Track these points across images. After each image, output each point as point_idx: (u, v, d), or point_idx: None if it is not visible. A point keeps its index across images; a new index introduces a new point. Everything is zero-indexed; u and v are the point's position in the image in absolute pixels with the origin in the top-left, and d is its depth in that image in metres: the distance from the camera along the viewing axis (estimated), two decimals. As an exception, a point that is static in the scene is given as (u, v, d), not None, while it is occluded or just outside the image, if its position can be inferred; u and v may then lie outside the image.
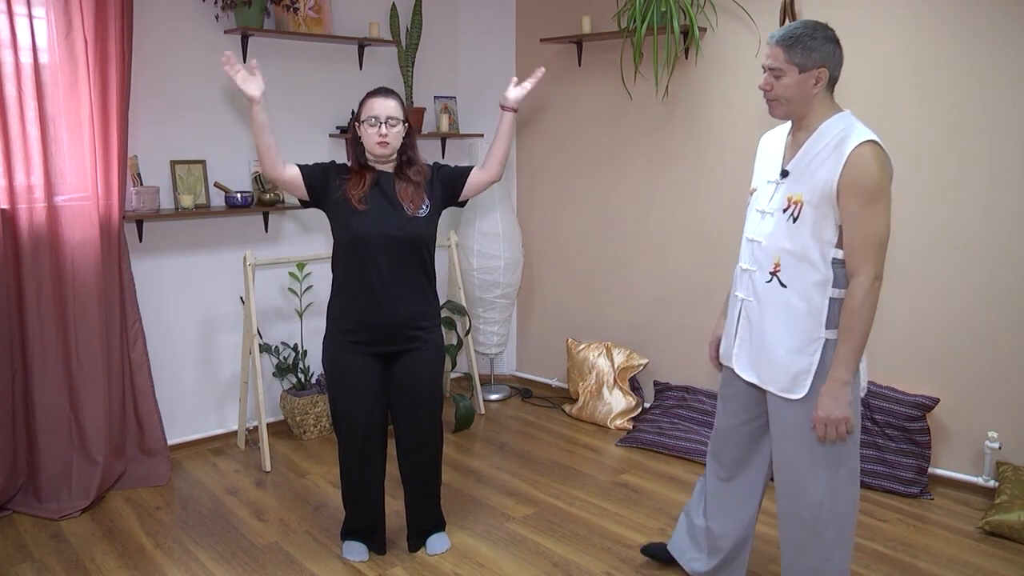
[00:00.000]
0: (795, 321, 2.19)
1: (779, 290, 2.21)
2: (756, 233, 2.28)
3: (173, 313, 3.80)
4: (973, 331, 3.27)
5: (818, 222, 2.13)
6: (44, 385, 3.27)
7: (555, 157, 4.61)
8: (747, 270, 2.30)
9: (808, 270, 2.16)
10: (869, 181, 2.07)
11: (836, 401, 2.12)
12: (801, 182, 2.16)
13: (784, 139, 2.30)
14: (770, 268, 2.22)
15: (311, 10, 3.98)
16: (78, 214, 3.27)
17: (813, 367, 2.18)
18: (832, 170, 2.09)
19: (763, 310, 2.25)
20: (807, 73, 2.13)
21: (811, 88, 2.15)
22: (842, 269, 2.15)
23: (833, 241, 2.14)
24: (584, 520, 3.19)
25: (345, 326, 2.74)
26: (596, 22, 4.18)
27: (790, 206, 2.17)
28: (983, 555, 2.90)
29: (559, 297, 4.72)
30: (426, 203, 2.75)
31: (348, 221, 2.67)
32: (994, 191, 3.17)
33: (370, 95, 2.72)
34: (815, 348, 2.18)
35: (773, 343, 2.23)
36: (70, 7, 3.15)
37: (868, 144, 2.08)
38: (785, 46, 2.14)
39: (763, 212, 2.26)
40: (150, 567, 2.86)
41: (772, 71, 2.16)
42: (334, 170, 2.75)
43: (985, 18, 3.11)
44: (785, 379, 2.22)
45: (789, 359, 2.21)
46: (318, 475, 3.62)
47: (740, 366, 2.36)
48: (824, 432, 2.15)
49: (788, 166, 2.22)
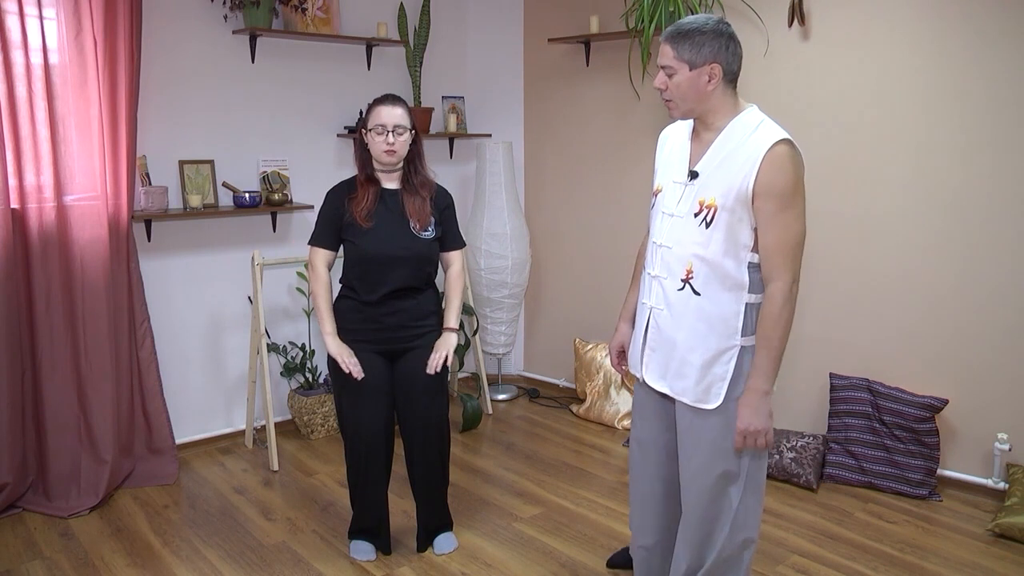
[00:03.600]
0: (709, 329, 2.08)
1: (692, 298, 2.09)
2: (665, 238, 2.14)
3: (181, 313, 3.81)
4: (983, 332, 3.25)
5: (733, 226, 2.02)
6: (53, 384, 3.28)
7: (563, 157, 4.61)
8: (656, 276, 2.17)
9: (722, 276, 2.05)
10: (785, 183, 1.97)
11: (756, 413, 2.03)
12: (712, 185, 2.04)
13: (686, 137, 2.17)
14: (682, 275, 2.10)
15: (319, 10, 3.99)
16: (87, 214, 3.29)
17: (728, 376, 2.08)
18: (747, 172, 1.98)
19: (675, 319, 2.13)
20: (698, 70, 2.01)
21: (705, 86, 2.03)
22: (757, 274, 2.05)
23: (749, 245, 2.04)
24: (591, 520, 3.19)
25: (350, 325, 2.78)
26: (604, 22, 4.18)
27: (703, 210, 2.05)
28: (992, 558, 2.89)
29: (566, 297, 4.72)
30: (431, 223, 2.78)
31: (356, 240, 2.73)
32: (1004, 192, 3.15)
33: (377, 102, 2.74)
34: (730, 356, 2.08)
35: (686, 353, 2.11)
36: (80, 8, 3.17)
37: (782, 144, 1.99)
38: (673, 42, 2.02)
39: (672, 215, 2.12)
40: (158, 565, 2.87)
41: (664, 69, 2.04)
42: (339, 199, 2.78)
43: (992, 19, 3.09)
44: (699, 389, 2.11)
45: (703, 369, 2.09)
46: (325, 474, 3.63)
47: (650, 376, 2.22)
48: (743, 444, 2.07)
49: (697, 167, 2.09)
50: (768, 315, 2.01)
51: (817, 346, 3.67)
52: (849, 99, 3.48)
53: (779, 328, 2.00)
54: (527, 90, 4.75)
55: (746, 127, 2.04)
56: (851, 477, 3.46)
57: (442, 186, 2.91)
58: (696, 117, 2.11)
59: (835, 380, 3.56)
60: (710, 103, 2.06)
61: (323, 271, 2.81)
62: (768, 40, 3.64)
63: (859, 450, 3.46)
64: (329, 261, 2.83)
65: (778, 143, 1.98)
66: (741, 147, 2.02)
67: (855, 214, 3.51)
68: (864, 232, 3.50)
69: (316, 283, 2.81)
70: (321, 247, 2.81)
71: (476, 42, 4.78)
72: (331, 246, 2.81)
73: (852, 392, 3.50)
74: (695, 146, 2.14)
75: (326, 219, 2.81)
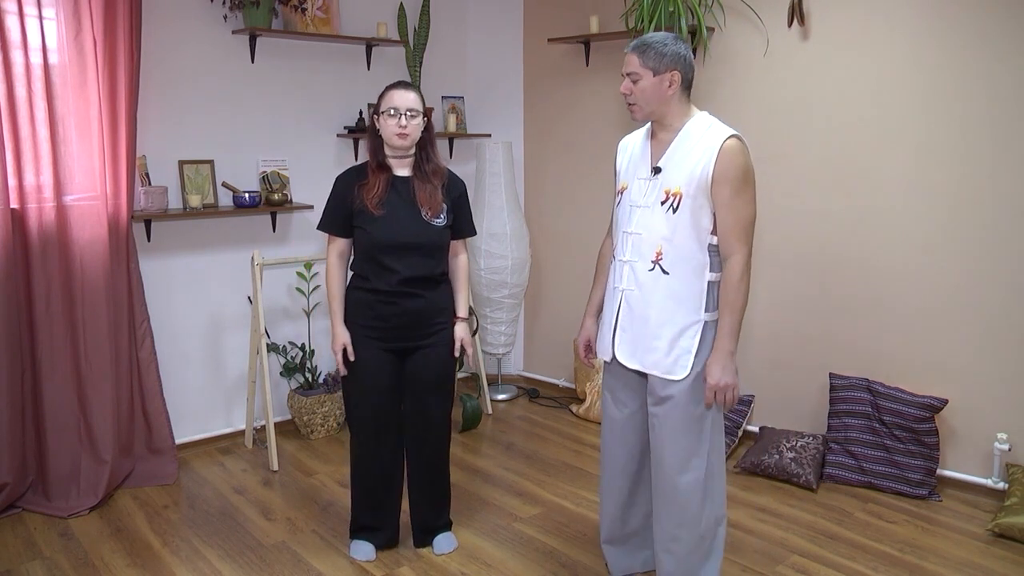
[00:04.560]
0: (677, 305, 2.33)
1: (661, 277, 2.33)
2: (635, 226, 2.39)
3: (181, 313, 3.81)
4: (983, 332, 3.26)
5: (695, 212, 2.29)
6: (53, 384, 3.28)
7: (563, 157, 4.61)
8: (627, 261, 2.40)
9: (687, 256, 2.31)
10: (738, 171, 2.26)
11: (724, 370, 2.29)
12: (675, 176, 2.31)
13: (644, 141, 2.45)
14: (652, 257, 2.34)
15: (319, 10, 3.99)
16: (87, 214, 3.29)
17: (694, 348, 2.33)
18: (705, 163, 2.26)
19: (646, 298, 2.36)
20: (660, 76, 2.29)
21: (666, 90, 2.31)
22: (716, 255, 2.32)
23: (709, 228, 2.30)
24: (591, 520, 3.19)
25: (361, 320, 2.76)
26: (604, 22, 4.18)
27: (668, 198, 2.31)
28: (992, 557, 2.89)
29: (566, 297, 4.72)
30: (443, 210, 2.76)
31: (367, 227, 2.70)
32: (1004, 192, 3.15)
33: (390, 87, 2.73)
34: (695, 330, 2.34)
35: (657, 328, 2.35)
36: (79, 8, 3.17)
37: (733, 139, 2.28)
38: (639, 52, 2.30)
39: (640, 206, 2.38)
40: (158, 565, 2.87)
41: (630, 76, 2.32)
42: (348, 186, 2.76)
43: (992, 19, 3.09)
44: (668, 362, 2.34)
45: (671, 342, 2.34)
46: (325, 474, 3.63)
47: (622, 355, 2.43)
48: (713, 399, 2.31)
49: (659, 163, 2.36)
50: (730, 284, 2.29)
51: (817, 346, 3.67)
52: (849, 99, 3.48)
53: (740, 295, 2.29)
54: (527, 90, 4.75)
55: (700, 126, 2.34)
56: (851, 477, 3.46)
57: (455, 173, 2.89)
58: (656, 119, 2.38)
59: (835, 380, 3.56)
60: (669, 106, 2.34)
61: (337, 264, 2.79)
62: (768, 40, 3.64)
63: (859, 450, 3.46)
64: (343, 251, 2.80)
65: (730, 138, 2.28)
66: (698, 143, 2.30)
67: (855, 214, 3.51)
68: (864, 232, 3.50)
69: (330, 276, 2.80)
70: (333, 235, 2.79)
71: (476, 42, 4.78)
72: (343, 233, 2.77)
73: (852, 392, 3.50)
74: (654, 146, 2.41)
75: (335, 205, 2.77)
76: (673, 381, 2.35)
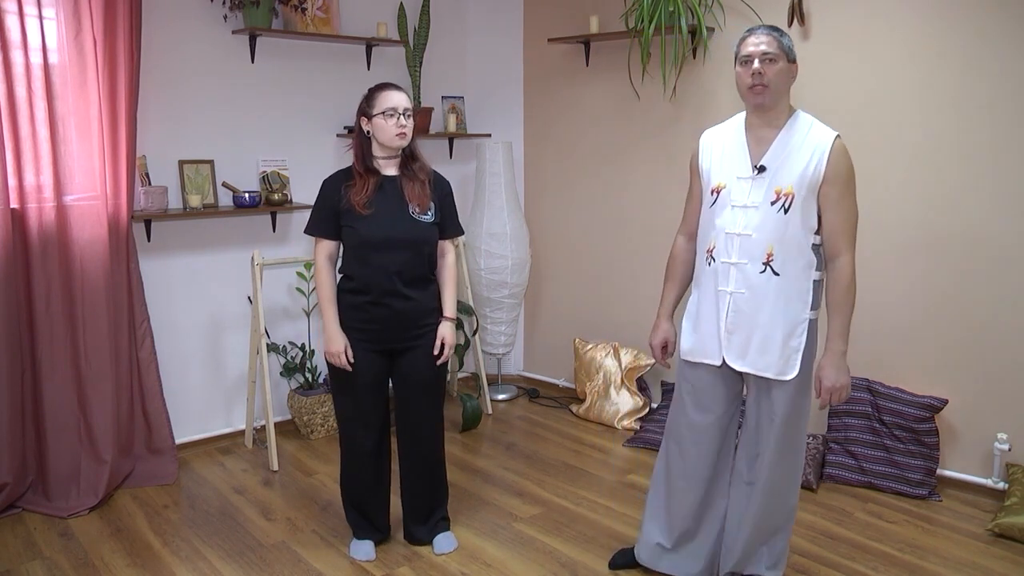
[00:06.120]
0: (787, 306, 2.33)
1: (772, 278, 2.32)
2: (741, 227, 2.35)
3: (181, 312, 3.81)
4: (982, 332, 3.25)
5: (805, 211, 2.28)
6: (53, 384, 3.28)
7: (563, 157, 4.61)
8: (735, 264, 2.36)
9: (796, 256, 2.31)
10: (848, 171, 2.28)
11: (839, 371, 2.33)
12: (783, 175, 2.29)
13: (738, 137, 2.40)
14: (763, 259, 2.32)
15: (319, 10, 3.99)
16: (87, 213, 3.29)
17: (802, 347, 2.35)
18: (816, 162, 2.26)
19: (757, 300, 2.34)
20: (790, 65, 2.30)
21: (790, 80, 2.32)
22: (819, 254, 2.33)
23: (814, 227, 2.31)
24: (591, 520, 3.19)
25: (349, 323, 2.76)
26: (604, 22, 4.18)
27: (780, 198, 2.29)
28: (992, 557, 2.89)
29: (566, 297, 4.72)
30: (431, 207, 2.76)
31: (355, 226, 2.70)
32: (1002, 192, 3.15)
33: (382, 88, 2.72)
34: (802, 329, 2.35)
35: (770, 330, 2.34)
36: (79, 8, 3.16)
37: (840, 139, 2.29)
38: (777, 35, 2.27)
39: (744, 207, 2.34)
40: (158, 565, 2.87)
41: (767, 55, 2.25)
42: (335, 188, 2.75)
43: (991, 19, 3.09)
44: (780, 363, 2.35)
45: (784, 342, 2.34)
46: (325, 474, 3.63)
47: (732, 357, 2.41)
48: (828, 400, 2.35)
49: (763, 161, 2.32)
50: (840, 285, 2.30)
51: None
52: (848, 99, 3.47)
53: (850, 295, 2.31)
54: (527, 90, 4.75)
55: (804, 125, 2.32)
56: (851, 477, 3.46)
57: (439, 172, 2.89)
58: (768, 109, 2.31)
59: (835, 380, 3.56)
60: (785, 99, 2.33)
61: (325, 266, 2.78)
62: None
63: (859, 450, 3.46)
64: (331, 253, 2.79)
65: (838, 138, 2.29)
66: (805, 141, 2.29)
67: (855, 214, 3.50)
68: (863, 231, 3.45)
69: (319, 279, 2.78)
70: (321, 236, 2.78)
71: (476, 42, 4.78)
72: (331, 235, 2.77)
73: (852, 392, 3.50)
74: (752, 143, 2.37)
75: (322, 207, 2.76)
76: (784, 381, 2.36)
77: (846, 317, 2.31)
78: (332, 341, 2.74)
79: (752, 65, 2.26)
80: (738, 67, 2.31)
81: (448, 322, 2.85)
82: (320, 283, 2.78)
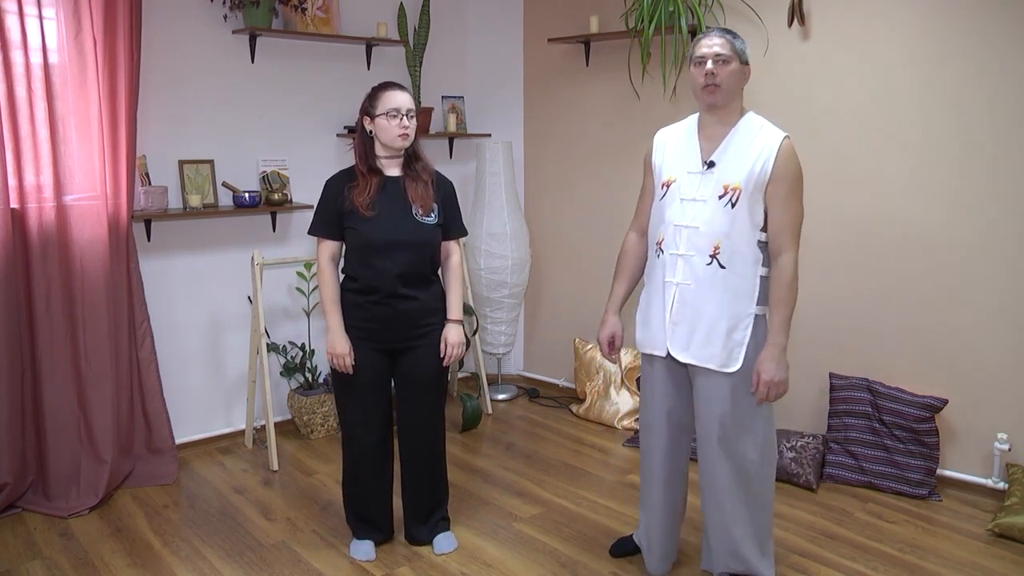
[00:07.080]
0: (733, 299, 2.38)
1: (718, 271, 2.37)
2: (689, 220, 2.40)
3: (181, 312, 3.81)
4: (983, 332, 3.25)
5: (752, 207, 2.35)
6: (53, 384, 3.28)
7: (563, 157, 4.61)
8: (683, 255, 2.41)
9: (743, 251, 2.36)
10: (795, 171, 2.35)
11: (778, 365, 2.35)
12: (732, 171, 2.36)
13: (689, 135, 2.48)
14: (709, 252, 2.37)
15: (319, 10, 3.99)
16: (87, 213, 3.29)
17: (746, 340, 2.39)
18: (764, 160, 2.33)
19: (702, 292, 2.39)
20: (742, 67, 2.37)
21: (742, 81, 2.38)
22: (765, 251, 2.39)
23: (760, 224, 2.37)
24: (591, 520, 3.19)
25: (352, 322, 2.76)
26: (604, 22, 4.18)
27: (727, 193, 2.35)
28: (992, 557, 2.89)
29: (566, 297, 4.72)
30: (435, 209, 2.76)
31: (357, 227, 2.69)
32: (1003, 192, 3.15)
33: (385, 88, 2.71)
34: (747, 323, 2.39)
35: (714, 322, 2.39)
36: (79, 8, 3.16)
37: (788, 139, 2.36)
38: (730, 38, 2.36)
39: (693, 200, 2.40)
40: (158, 565, 2.87)
41: (720, 57, 2.33)
42: (338, 189, 2.74)
43: (991, 19, 3.09)
44: (723, 355, 2.39)
45: (727, 335, 2.38)
46: (325, 474, 3.63)
47: (676, 348, 2.45)
48: (766, 394, 2.36)
49: (713, 157, 2.39)
50: (782, 282, 2.35)
51: (817, 346, 3.67)
52: (849, 99, 3.48)
53: (792, 292, 2.35)
54: (527, 90, 4.75)
55: (754, 124, 2.40)
56: (851, 477, 3.46)
57: (441, 173, 2.89)
58: (720, 108, 2.38)
59: (835, 380, 3.56)
60: (737, 99, 2.40)
61: (329, 267, 2.77)
62: (768, 40, 3.64)
63: (859, 450, 3.46)
64: (334, 253, 2.79)
65: (786, 138, 2.36)
66: (754, 140, 2.36)
67: (854, 213, 3.51)
68: (863, 231, 3.50)
69: (322, 280, 2.77)
70: (325, 237, 2.77)
71: (476, 42, 4.78)
72: (334, 236, 2.76)
73: (852, 392, 3.50)
74: (703, 140, 2.44)
75: (326, 208, 2.76)
76: (727, 374, 2.39)
77: (787, 313, 2.35)
78: (336, 344, 2.73)
79: (705, 66, 2.34)
80: (692, 68, 2.40)
81: (454, 325, 2.84)
82: (324, 284, 2.77)
